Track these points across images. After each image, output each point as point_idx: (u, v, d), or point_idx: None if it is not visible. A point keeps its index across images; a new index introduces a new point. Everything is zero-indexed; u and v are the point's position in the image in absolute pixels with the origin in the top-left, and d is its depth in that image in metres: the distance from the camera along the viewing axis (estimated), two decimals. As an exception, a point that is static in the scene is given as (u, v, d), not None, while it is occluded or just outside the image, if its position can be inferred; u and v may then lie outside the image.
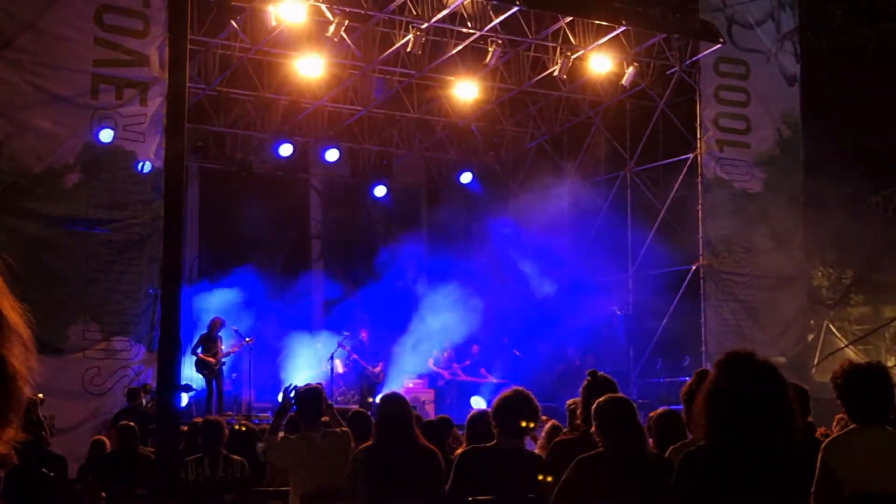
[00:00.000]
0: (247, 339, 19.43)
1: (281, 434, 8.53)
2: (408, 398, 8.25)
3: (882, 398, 5.91)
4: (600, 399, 6.39)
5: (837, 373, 6.07)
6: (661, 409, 7.63)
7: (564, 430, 8.77)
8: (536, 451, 8.27)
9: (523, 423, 6.86)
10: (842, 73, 22.60)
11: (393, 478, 7.28)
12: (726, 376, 4.42)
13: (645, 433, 6.73)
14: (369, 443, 7.62)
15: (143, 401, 15.62)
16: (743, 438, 4.31)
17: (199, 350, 18.92)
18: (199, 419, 11.54)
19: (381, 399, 7.92)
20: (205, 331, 19.18)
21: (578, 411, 7.36)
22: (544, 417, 10.27)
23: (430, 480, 7.28)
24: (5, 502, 1.57)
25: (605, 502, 6.02)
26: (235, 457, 9.41)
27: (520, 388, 7.30)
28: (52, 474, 11.17)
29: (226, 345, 19.33)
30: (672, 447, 6.82)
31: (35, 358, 1.63)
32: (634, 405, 6.48)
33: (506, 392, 7.15)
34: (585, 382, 7.39)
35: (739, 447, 4.32)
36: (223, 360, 19.10)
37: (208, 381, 18.81)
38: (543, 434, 9.98)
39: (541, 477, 6.87)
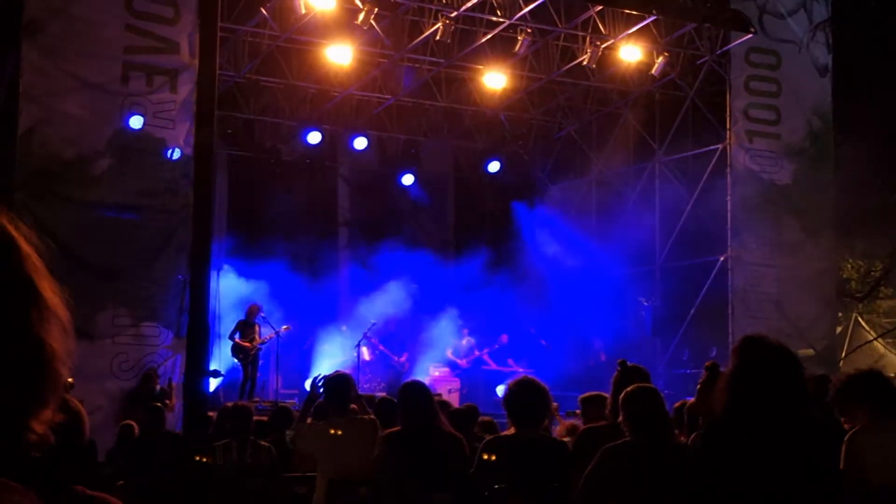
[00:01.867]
0: (284, 327, 19.47)
1: (308, 420, 8.57)
2: (432, 387, 8.26)
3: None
4: (628, 389, 6.37)
5: (843, 381, 6.27)
6: (692, 400, 7.58)
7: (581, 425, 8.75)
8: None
9: None
10: (874, 64, 22.46)
11: (416, 463, 7.31)
12: (742, 358, 4.70)
13: (671, 423, 6.72)
14: (395, 428, 7.66)
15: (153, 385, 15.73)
16: (759, 410, 4.55)
17: (236, 335, 19.03)
18: (230, 404, 11.61)
19: (402, 387, 7.94)
20: (242, 317, 19.27)
21: (608, 401, 7.33)
22: (577, 412, 10.26)
23: (453, 467, 7.29)
24: (40, 485, 1.59)
25: (630, 492, 6.02)
26: (263, 442, 9.46)
27: (529, 376, 7.28)
28: (81, 458, 11.23)
29: (263, 331, 19.38)
30: (695, 434, 6.82)
31: (73, 341, 1.64)
32: (661, 395, 6.46)
33: (514, 381, 7.13)
34: (616, 373, 7.36)
35: (756, 418, 4.54)
36: (259, 346, 19.16)
37: (244, 367, 18.90)
38: (562, 433, 9.94)
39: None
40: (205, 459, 9.07)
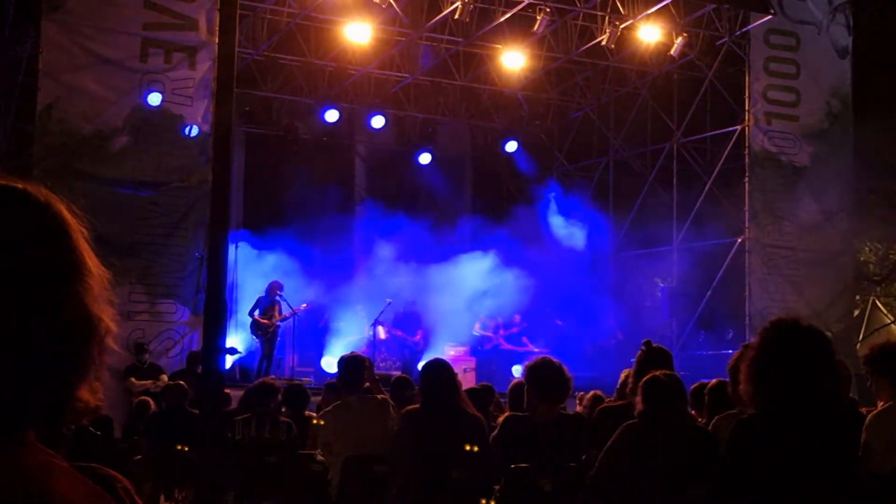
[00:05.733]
0: (302, 305, 19.46)
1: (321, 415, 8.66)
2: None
3: None
4: (650, 374, 6.33)
5: (875, 350, 6.09)
6: (713, 381, 7.56)
7: (609, 399, 8.78)
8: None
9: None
10: (893, 46, 22.32)
11: (436, 442, 7.31)
12: (773, 344, 4.40)
13: (687, 405, 6.72)
14: (415, 407, 7.66)
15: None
16: (792, 405, 4.31)
17: (255, 312, 19.02)
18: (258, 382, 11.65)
19: (424, 365, 7.92)
20: (262, 294, 19.26)
21: (630, 380, 7.33)
22: (597, 392, 10.27)
23: (473, 446, 7.30)
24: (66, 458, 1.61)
25: (647, 470, 6.03)
26: (283, 419, 9.46)
27: (549, 356, 7.27)
28: (98, 433, 11.33)
29: (283, 309, 19.35)
30: (717, 417, 6.81)
31: (113, 313, 1.69)
32: (681, 380, 6.44)
33: (535, 360, 7.12)
34: (640, 353, 7.35)
35: (789, 414, 4.31)
36: (279, 323, 19.14)
37: (262, 344, 18.89)
38: (586, 403, 9.97)
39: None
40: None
